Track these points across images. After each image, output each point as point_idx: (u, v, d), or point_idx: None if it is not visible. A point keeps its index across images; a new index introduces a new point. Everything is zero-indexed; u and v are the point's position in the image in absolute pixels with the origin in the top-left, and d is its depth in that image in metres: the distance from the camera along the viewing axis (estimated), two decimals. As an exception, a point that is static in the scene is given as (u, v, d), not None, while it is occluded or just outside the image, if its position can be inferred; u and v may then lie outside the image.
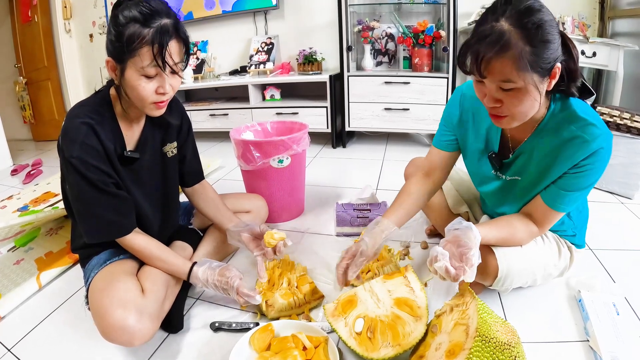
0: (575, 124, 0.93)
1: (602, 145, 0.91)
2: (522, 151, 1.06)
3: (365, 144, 3.22)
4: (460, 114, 1.17)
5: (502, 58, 0.80)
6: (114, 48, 0.97)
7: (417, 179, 1.26)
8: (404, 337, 0.99)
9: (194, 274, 1.18)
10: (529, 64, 0.80)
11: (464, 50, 0.87)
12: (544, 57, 0.81)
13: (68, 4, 3.94)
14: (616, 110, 1.95)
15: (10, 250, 1.75)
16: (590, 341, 1.04)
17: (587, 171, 0.94)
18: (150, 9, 0.95)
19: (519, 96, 0.85)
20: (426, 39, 2.77)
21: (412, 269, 1.18)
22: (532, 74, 0.82)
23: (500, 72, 0.82)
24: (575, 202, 1.01)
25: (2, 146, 3.35)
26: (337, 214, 1.73)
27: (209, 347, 1.13)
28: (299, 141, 1.77)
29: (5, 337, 1.23)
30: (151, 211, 1.24)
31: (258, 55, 3.39)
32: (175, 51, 0.99)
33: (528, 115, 0.91)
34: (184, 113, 1.32)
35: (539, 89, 0.85)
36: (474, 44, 0.84)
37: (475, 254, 0.90)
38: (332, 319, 1.10)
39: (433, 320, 1.00)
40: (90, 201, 1.04)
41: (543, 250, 1.13)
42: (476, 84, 0.92)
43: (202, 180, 1.44)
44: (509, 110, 0.89)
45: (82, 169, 0.99)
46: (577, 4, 2.82)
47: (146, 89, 0.99)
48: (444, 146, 1.23)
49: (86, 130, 1.00)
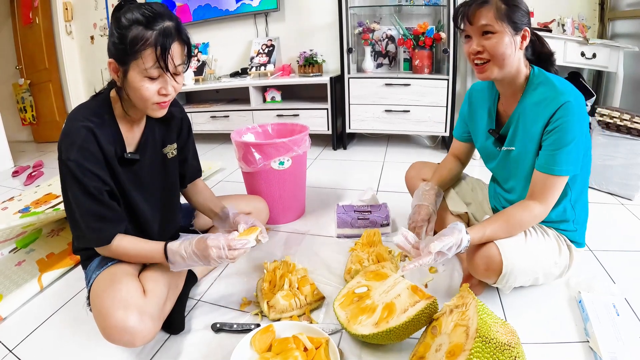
0: (545, 87, 1.10)
1: (567, 99, 1.03)
2: (511, 121, 1.20)
3: (365, 145, 3.23)
4: (469, 105, 1.39)
5: (484, 9, 1.06)
6: (117, 50, 0.97)
7: (449, 158, 1.50)
8: (382, 321, 1.03)
9: (169, 249, 1.10)
10: (504, 15, 1.04)
11: (458, 8, 1.12)
12: (515, 15, 1.05)
13: (69, 6, 3.96)
14: (616, 111, 1.95)
15: (11, 252, 1.76)
16: (590, 342, 1.04)
17: (562, 125, 1.04)
18: (152, 11, 0.96)
19: (497, 40, 1.06)
20: (426, 40, 2.77)
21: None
22: (507, 25, 1.05)
23: (484, 18, 1.06)
24: (567, 162, 1.06)
25: (3, 147, 3.36)
26: (338, 216, 1.73)
27: (210, 348, 1.14)
28: (300, 143, 1.77)
29: (7, 338, 1.23)
30: (151, 213, 1.24)
31: (259, 57, 3.40)
32: (177, 53, 1.00)
33: (505, 60, 1.08)
34: (183, 114, 1.32)
35: (513, 40, 1.07)
36: (464, 3, 1.10)
37: (443, 243, 1.02)
38: (348, 275, 1.36)
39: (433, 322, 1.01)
40: (80, 206, 1.03)
41: (544, 247, 1.15)
42: (465, 42, 1.14)
43: (197, 179, 1.44)
44: (489, 54, 1.08)
45: (78, 172, 0.99)
46: (577, 5, 2.82)
47: (149, 90, 1.00)
48: (462, 138, 1.46)
49: (86, 134, 1.00)
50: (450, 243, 1.02)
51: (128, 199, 1.15)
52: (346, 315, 1.11)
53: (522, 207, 1.11)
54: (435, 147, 3.10)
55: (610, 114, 1.97)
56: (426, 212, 1.31)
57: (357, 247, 1.52)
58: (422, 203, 1.33)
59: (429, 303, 1.01)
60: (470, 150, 1.48)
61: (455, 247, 1.04)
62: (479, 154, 1.39)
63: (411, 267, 1.03)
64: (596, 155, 1.98)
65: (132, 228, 1.19)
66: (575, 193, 1.18)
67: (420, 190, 1.38)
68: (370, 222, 1.70)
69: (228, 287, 1.42)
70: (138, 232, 1.20)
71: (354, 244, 1.57)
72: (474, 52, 1.10)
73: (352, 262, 1.42)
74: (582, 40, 2.41)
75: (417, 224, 1.29)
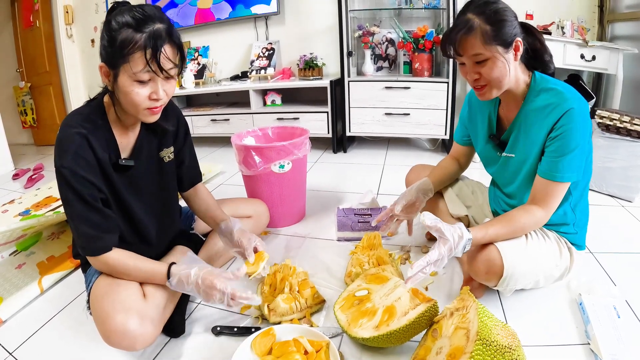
0: (548, 93, 1.08)
1: (572, 106, 1.02)
2: (512, 128, 1.19)
3: (365, 149, 3.23)
4: (469, 109, 1.39)
5: (470, 37, 1.03)
6: (107, 53, 0.96)
7: (447, 159, 1.52)
8: (382, 324, 1.03)
9: (173, 273, 1.08)
10: (492, 38, 1.01)
11: (444, 39, 1.10)
12: (502, 33, 1.02)
13: (70, 9, 3.97)
14: (616, 113, 1.96)
15: (12, 255, 1.76)
16: (591, 344, 1.04)
17: (565, 132, 1.04)
18: (143, 14, 0.94)
19: (490, 65, 1.05)
20: (426, 44, 2.78)
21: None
22: (495, 46, 1.02)
23: (472, 48, 1.04)
24: (569, 169, 1.06)
25: (4, 150, 3.37)
26: (338, 219, 1.73)
27: (210, 352, 1.14)
28: (300, 146, 1.77)
29: (7, 341, 1.23)
30: (148, 218, 1.23)
31: (259, 60, 3.41)
32: (169, 56, 0.97)
33: (502, 81, 1.07)
34: (180, 117, 1.30)
35: (505, 57, 1.04)
36: (449, 33, 1.07)
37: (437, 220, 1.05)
38: (349, 278, 1.35)
39: (434, 325, 1.01)
40: (75, 213, 1.02)
41: (545, 250, 1.15)
42: (460, 68, 1.12)
43: (198, 184, 1.42)
44: (485, 79, 1.07)
45: (72, 179, 0.98)
46: (576, 8, 2.83)
47: (139, 95, 0.97)
48: (462, 141, 1.47)
49: (79, 141, 0.99)
50: (445, 225, 1.03)
51: (124, 204, 1.14)
52: (347, 319, 1.11)
53: (525, 211, 1.11)
54: (436, 150, 3.10)
55: (610, 116, 1.98)
56: (407, 195, 1.40)
57: (358, 250, 1.51)
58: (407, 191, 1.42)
59: (429, 306, 1.01)
60: (470, 154, 1.49)
61: (456, 236, 1.03)
62: (478, 157, 1.40)
63: (419, 265, 1.02)
64: (596, 158, 1.96)
65: (129, 233, 1.18)
66: (576, 196, 1.18)
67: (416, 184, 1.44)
68: (370, 225, 1.70)
69: (228, 290, 1.42)
70: (135, 236, 1.20)
71: (355, 247, 1.57)
72: (472, 79, 1.10)
73: (353, 265, 1.42)
74: (581, 43, 2.42)
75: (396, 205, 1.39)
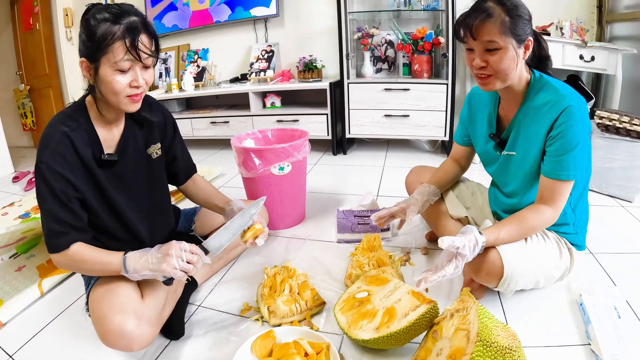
0: (547, 91, 1.10)
1: (570, 103, 1.03)
2: (512, 126, 1.20)
3: (365, 150, 3.24)
4: (469, 109, 1.39)
5: (488, 23, 1.02)
6: (87, 48, 1.00)
7: (448, 161, 1.53)
8: (383, 326, 1.03)
9: (127, 259, 1.05)
10: (509, 29, 1.02)
11: (459, 21, 1.08)
12: (519, 27, 1.03)
13: (69, 12, 3.98)
14: (615, 113, 1.96)
15: (11, 257, 1.76)
16: (592, 345, 1.04)
17: (565, 130, 1.04)
18: (119, 8, 1.00)
19: (501, 55, 1.04)
20: (425, 45, 2.79)
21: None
22: (511, 39, 1.03)
23: (488, 34, 1.03)
24: (574, 167, 1.06)
25: (4, 153, 3.37)
26: (338, 221, 1.73)
27: (210, 354, 1.13)
28: (300, 148, 1.77)
29: (7, 343, 1.23)
30: (138, 215, 1.22)
31: (258, 62, 3.42)
32: (146, 44, 1.02)
33: (508, 74, 1.07)
34: (166, 113, 1.32)
35: (516, 52, 1.05)
36: (467, 15, 1.06)
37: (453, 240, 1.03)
38: (349, 280, 1.35)
39: (434, 326, 1.01)
40: (46, 208, 1.02)
41: (545, 251, 1.15)
42: (467, 54, 1.12)
43: (193, 175, 1.44)
44: (492, 69, 1.07)
45: (47, 175, 1.00)
46: (575, 8, 2.84)
47: (120, 83, 1.01)
48: (462, 142, 1.47)
49: (59, 137, 1.02)
50: (462, 241, 1.02)
51: (110, 201, 1.14)
52: (347, 320, 1.11)
53: (534, 211, 1.11)
54: (435, 152, 3.10)
55: (609, 117, 1.98)
56: (408, 201, 1.40)
57: (358, 252, 1.51)
58: (415, 196, 1.42)
59: (429, 307, 1.01)
60: (471, 155, 1.49)
61: (471, 246, 1.03)
62: (478, 158, 1.40)
63: (435, 279, 1.03)
64: (596, 158, 1.98)
65: (120, 231, 1.18)
66: (576, 196, 1.18)
67: (420, 187, 1.44)
68: (370, 227, 1.70)
69: (228, 293, 1.42)
70: (127, 234, 1.20)
71: (354, 249, 1.57)
72: (478, 66, 1.09)
73: (353, 267, 1.41)
74: (580, 43, 2.42)
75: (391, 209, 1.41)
